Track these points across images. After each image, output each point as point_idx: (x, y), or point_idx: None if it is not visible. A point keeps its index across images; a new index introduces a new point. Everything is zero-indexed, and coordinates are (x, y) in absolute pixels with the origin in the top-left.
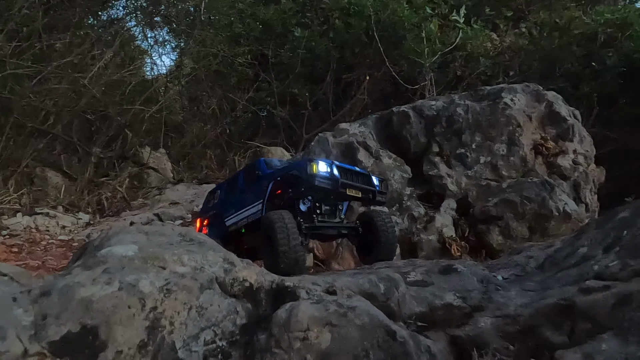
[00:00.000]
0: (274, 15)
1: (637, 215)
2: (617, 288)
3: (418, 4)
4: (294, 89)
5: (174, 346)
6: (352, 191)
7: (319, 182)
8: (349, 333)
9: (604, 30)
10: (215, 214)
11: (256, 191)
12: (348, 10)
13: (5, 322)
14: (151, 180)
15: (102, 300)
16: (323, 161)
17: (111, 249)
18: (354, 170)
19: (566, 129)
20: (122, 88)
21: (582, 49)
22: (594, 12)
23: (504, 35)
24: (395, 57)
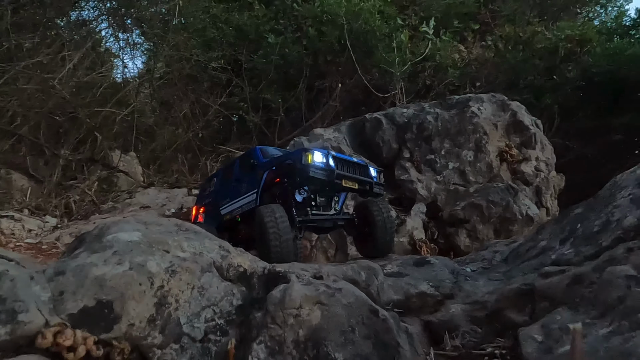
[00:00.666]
0: (248, 21)
1: (589, 211)
2: (571, 271)
3: (389, 14)
4: (266, 95)
5: (179, 322)
6: (348, 182)
7: (314, 173)
8: (337, 311)
9: (564, 45)
10: (211, 202)
11: (251, 180)
12: (321, 19)
13: (26, 297)
14: (121, 183)
15: (114, 278)
16: (319, 151)
17: (116, 235)
18: (350, 160)
19: (529, 138)
20: (92, 90)
21: (544, 63)
22: (555, 27)
23: (471, 48)
24: (366, 66)
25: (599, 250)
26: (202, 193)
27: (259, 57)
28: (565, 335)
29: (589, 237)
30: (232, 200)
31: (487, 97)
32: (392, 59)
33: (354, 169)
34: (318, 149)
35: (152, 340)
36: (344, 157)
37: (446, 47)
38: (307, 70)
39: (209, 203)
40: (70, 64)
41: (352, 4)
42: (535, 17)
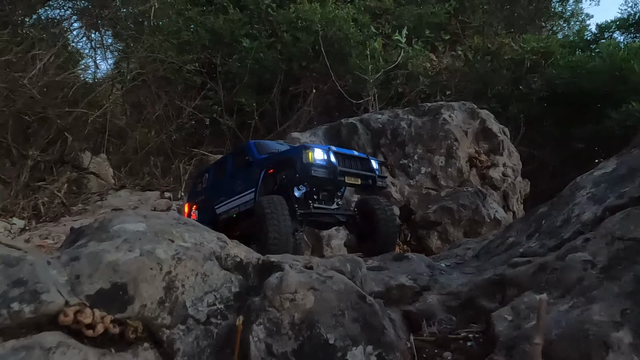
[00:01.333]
0: (224, 25)
1: (552, 209)
2: (536, 261)
3: (363, 22)
4: (241, 99)
5: (185, 304)
6: (351, 179)
7: (316, 172)
8: (329, 296)
9: (530, 57)
10: (205, 199)
11: (247, 178)
12: (296, 25)
13: (46, 279)
14: (91, 185)
15: (127, 263)
16: (319, 148)
17: (122, 226)
18: (352, 155)
19: (497, 144)
20: (63, 90)
21: (511, 73)
22: (521, 39)
23: (442, 57)
24: (340, 72)
25: (561, 242)
26: (194, 190)
27: (234, 61)
28: (532, 313)
29: (553, 232)
30: (227, 198)
31: (458, 105)
32: (365, 66)
33: (355, 163)
34: (318, 145)
35: (162, 321)
36: (345, 152)
37: (418, 55)
38: (281, 75)
39: (202, 200)
40: (40, 64)
41: (326, 11)
42: (503, 29)
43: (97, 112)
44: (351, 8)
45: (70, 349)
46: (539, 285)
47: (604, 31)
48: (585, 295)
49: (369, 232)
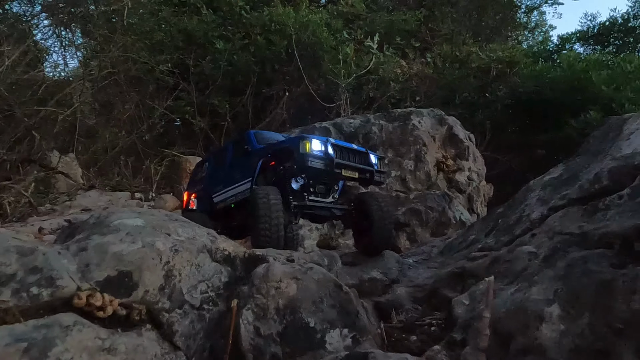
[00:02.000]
0: (197, 26)
1: (507, 210)
2: (492, 254)
3: (336, 27)
4: (214, 100)
5: (181, 291)
6: (348, 172)
7: (312, 162)
8: (309, 285)
9: (496, 65)
10: (203, 188)
11: (245, 167)
12: (269, 28)
13: (59, 267)
14: (59, 185)
15: (131, 253)
16: (317, 139)
17: (122, 221)
18: (350, 148)
19: (463, 150)
20: (32, 88)
21: (478, 81)
22: (488, 48)
23: (412, 63)
24: (313, 76)
25: (513, 238)
26: (194, 178)
27: (207, 63)
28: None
29: (507, 229)
30: (225, 187)
31: (427, 111)
32: (338, 71)
33: (354, 157)
34: (316, 136)
35: (162, 305)
36: (344, 144)
37: (389, 61)
38: (254, 78)
39: (201, 189)
40: (8, 61)
41: (300, 16)
42: (471, 38)
43: (67, 111)
44: (324, 13)
45: (85, 327)
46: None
47: (565, 43)
48: (528, 280)
49: (365, 228)
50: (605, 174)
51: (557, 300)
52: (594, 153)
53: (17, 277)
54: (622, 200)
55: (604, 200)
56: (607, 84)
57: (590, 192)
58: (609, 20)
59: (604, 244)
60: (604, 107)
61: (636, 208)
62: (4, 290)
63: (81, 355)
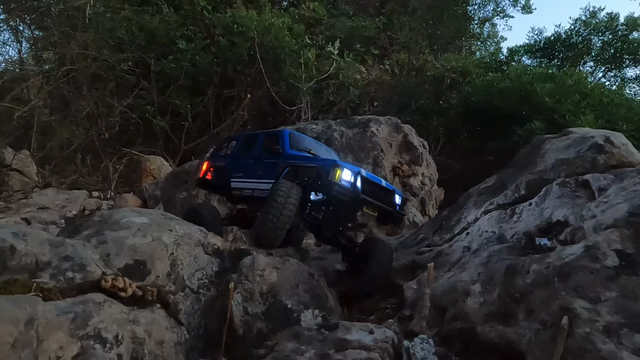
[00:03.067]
0: (159, 25)
1: (451, 212)
2: (436, 249)
3: (298, 32)
4: (175, 100)
5: (183, 277)
6: (369, 209)
7: (337, 192)
8: (287, 273)
9: (450, 75)
10: (224, 167)
11: (271, 167)
12: (232, 29)
13: (85, 256)
14: (13, 183)
15: (143, 245)
16: (349, 168)
17: (130, 219)
18: (379, 184)
19: (417, 156)
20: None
21: (432, 89)
22: (443, 58)
23: (371, 70)
24: (275, 79)
25: (453, 235)
26: (217, 152)
27: (169, 62)
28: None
29: (449, 229)
30: (245, 177)
31: (384, 119)
32: (299, 75)
33: (380, 195)
34: (350, 165)
35: (169, 288)
36: (374, 179)
37: (349, 67)
38: (216, 78)
39: (221, 167)
40: None
41: (263, 19)
42: (427, 46)
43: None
44: (287, 17)
45: (112, 304)
46: (436, 265)
47: (514, 55)
48: (461, 267)
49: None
50: (523, 185)
51: (479, 280)
52: (521, 166)
53: (52, 264)
54: (531, 206)
55: (520, 206)
56: (550, 96)
57: (512, 199)
58: (554, 35)
59: (515, 240)
60: (547, 117)
61: (540, 213)
62: (43, 274)
63: (112, 325)
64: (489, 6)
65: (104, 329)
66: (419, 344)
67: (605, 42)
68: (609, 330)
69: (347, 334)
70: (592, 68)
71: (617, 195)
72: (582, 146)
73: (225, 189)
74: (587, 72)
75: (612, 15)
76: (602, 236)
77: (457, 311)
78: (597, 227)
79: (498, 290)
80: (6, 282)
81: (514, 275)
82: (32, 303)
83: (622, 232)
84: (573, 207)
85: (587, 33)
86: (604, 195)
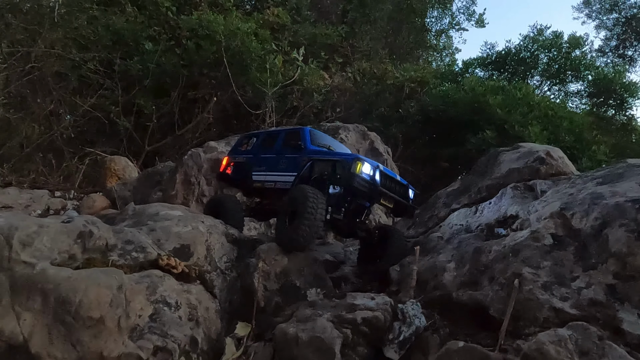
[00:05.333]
0: (126, 26)
1: (423, 211)
2: (413, 240)
3: (263, 38)
4: (139, 101)
5: (215, 260)
6: (385, 201)
7: (358, 184)
8: (296, 258)
9: (409, 84)
10: (245, 162)
11: (292, 161)
12: (198, 32)
13: (143, 241)
14: None
15: (186, 233)
16: (369, 162)
17: (167, 212)
18: (395, 178)
19: (382, 162)
20: None
21: (392, 97)
22: (402, 68)
23: (334, 76)
24: (240, 83)
25: (427, 229)
26: (237, 147)
27: (135, 63)
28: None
29: (423, 224)
30: (267, 171)
31: (353, 127)
32: (264, 79)
33: (395, 188)
34: (368, 159)
35: (207, 268)
36: (390, 174)
37: (313, 73)
38: (182, 80)
39: (241, 162)
40: None
41: (229, 23)
42: (387, 55)
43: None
44: (253, 22)
45: (169, 278)
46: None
47: (468, 67)
48: (437, 252)
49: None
50: (484, 188)
51: (453, 260)
52: (481, 173)
53: (118, 246)
54: (490, 205)
55: (482, 205)
56: (501, 107)
57: (475, 200)
58: (505, 50)
59: (479, 230)
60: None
61: (497, 209)
62: (112, 254)
63: (172, 293)
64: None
65: (167, 296)
66: (410, 305)
67: (550, 58)
68: (545, 286)
69: (355, 300)
70: (539, 82)
71: (553, 196)
72: (529, 158)
73: (246, 182)
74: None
75: (557, 33)
76: (541, 224)
77: (437, 283)
78: (539, 218)
79: (468, 266)
80: (87, 259)
81: (480, 254)
82: (118, 274)
83: (555, 221)
84: (522, 205)
85: (535, 49)
86: (544, 196)
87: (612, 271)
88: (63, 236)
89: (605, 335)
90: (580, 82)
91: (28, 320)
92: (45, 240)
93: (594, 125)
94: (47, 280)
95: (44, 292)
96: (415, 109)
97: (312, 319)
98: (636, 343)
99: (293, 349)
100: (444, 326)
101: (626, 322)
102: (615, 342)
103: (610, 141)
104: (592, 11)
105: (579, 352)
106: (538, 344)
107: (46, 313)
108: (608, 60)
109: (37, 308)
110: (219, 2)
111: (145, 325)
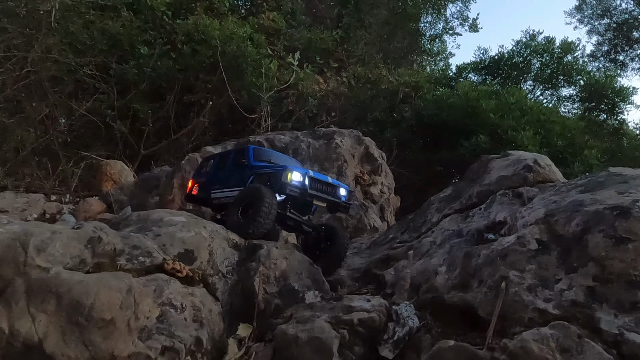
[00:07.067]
0: (122, 31)
1: (416, 216)
2: (406, 244)
3: (259, 42)
4: (135, 105)
5: (217, 264)
6: (318, 201)
7: (290, 190)
8: (294, 262)
9: (403, 89)
10: (205, 182)
11: (239, 177)
12: (193, 37)
13: (149, 246)
14: None
15: (190, 238)
16: (298, 171)
17: (171, 218)
18: (325, 181)
19: (377, 167)
20: None
21: (387, 101)
22: (396, 72)
23: (329, 81)
24: (236, 87)
25: (420, 234)
26: (200, 170)
27: (131, 67)
28: (404, 268)
29: (416, 229)
30: (222, 188)
31: (348, 132)
32: (260, 84)
33: (325, 189)
34: (299, 168)
35: (209, 272)
36: (320, 177)
37: (308, 78)
38: (178, 85)
39: (203, 182)
40: None
41: (225, 28)
42: (381, 60)
43: None
44: (248, 27)
45: (175, 281)
46: (407, 256)
47: (462, 72)
48: (430, 256)
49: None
50: (475, 195)
51: (444, 263)
52: (472, 180)
53: (125, 251)
54: (480, 211)
55: (472, 211)
56: (494, 112)
57: (466, 206)
58: (498, 55)
59: (469, 235)
60: (491, 132)
61: (487, 215)
62: (120, 258)
63: (178, 296)
64: (439, 24)
65: (173, 299)
66: (404, 307)
67: (543, 63)
68: (530, 288)
69: (351, 302)
70: (532, 86)
71: (539, 202)
72: (518, 166)
73: (207, 200)
74: (527, 90)
75: (549, 38)
76: (527, 230)
77: (429, 286)
78: (525, 224)
79: (459, 270)
80: (97, 264)
81: (470, 258)
82: (128, 278)
83: (540, 227)
84: (510, 211)
85: (527, 54)
86: (531, 203)
87: (592, 274)
88: (74, 242)
89: (584, 334)
90: (572, 86)
91: (43, 321)
92: (58, 246)
93: (586, 129)
94: (61, 284)
95: (58, 295)
96: (410, 114)
97: (310, 320)
98: (612, 341)
99: (293, 348)
100: (436, 326)
101: (604, 322)
102: (593, 340)
103: (602, 145)
104: (584, 16)
105: (560, 350)
106: (522, 342)
107: (60, 315)
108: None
109: (51, 310)
110: (215, 7)
111: (153, 326)
